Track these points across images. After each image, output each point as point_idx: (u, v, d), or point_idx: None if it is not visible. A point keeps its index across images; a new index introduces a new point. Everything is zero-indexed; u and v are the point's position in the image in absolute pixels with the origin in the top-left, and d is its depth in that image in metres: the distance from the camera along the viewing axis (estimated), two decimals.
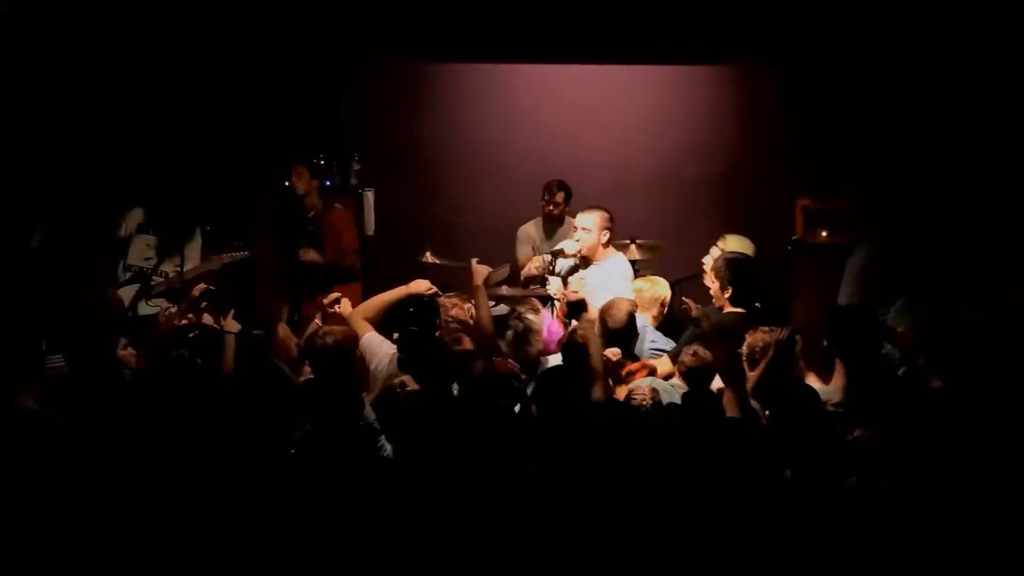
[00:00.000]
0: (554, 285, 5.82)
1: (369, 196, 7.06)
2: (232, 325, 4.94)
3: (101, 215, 6.44)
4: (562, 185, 6.82)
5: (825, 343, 4.81)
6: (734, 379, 4.37)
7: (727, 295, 5.30)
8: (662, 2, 6.97)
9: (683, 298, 5.73)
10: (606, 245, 5.90)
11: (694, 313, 5.23)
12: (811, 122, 7.14)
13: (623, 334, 5.12)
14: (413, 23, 6.93)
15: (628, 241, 6.41)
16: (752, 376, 4.57)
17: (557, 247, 5.99)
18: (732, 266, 5.34)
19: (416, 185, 7.72)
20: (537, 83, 7.79)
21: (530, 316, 5.18)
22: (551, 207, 6.76)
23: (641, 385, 4.65)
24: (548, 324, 5.51)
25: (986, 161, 6.51)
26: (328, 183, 7.29)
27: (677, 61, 7.42)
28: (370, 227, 7.02)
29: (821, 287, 6.51)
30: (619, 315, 5.13)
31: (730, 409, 4.27)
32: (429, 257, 6.48)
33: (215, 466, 4.08)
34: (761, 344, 4.66)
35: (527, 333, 5.09)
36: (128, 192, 6.40)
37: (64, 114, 6.55)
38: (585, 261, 5.90)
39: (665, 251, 6.59)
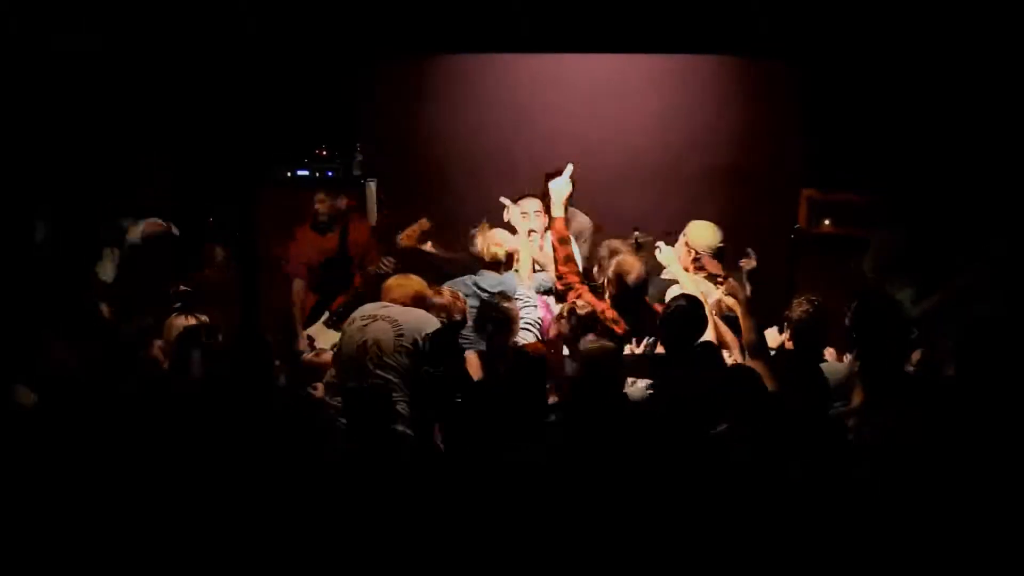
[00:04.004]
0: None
1: (372, 187, 7.06)
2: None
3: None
4: None
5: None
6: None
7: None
8: None
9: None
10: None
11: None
12: (817, 114, 7.12)
13: (638, 291, 5.38)
14: (416, 15, 6.90)
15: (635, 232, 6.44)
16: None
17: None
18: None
19: (419, 176, 7.71)
20: (541, 74, 7.76)
21: (506, 304, 5.32)
22: None
23: None
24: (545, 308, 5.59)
25: (992, 154, 6.50)
26: (331, 174, 7.31)
27: (681, 51, 7.39)
28: (372, 218, 7.02)
29: (824, 278, 6.51)
30: (638, 272, 5.36)
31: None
32: (430, 246, 6.48)
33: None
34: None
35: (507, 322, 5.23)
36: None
37: (70, 107, 6.56)
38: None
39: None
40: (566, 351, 5.35)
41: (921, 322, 5.27)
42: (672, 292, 5.55)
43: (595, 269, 5.82)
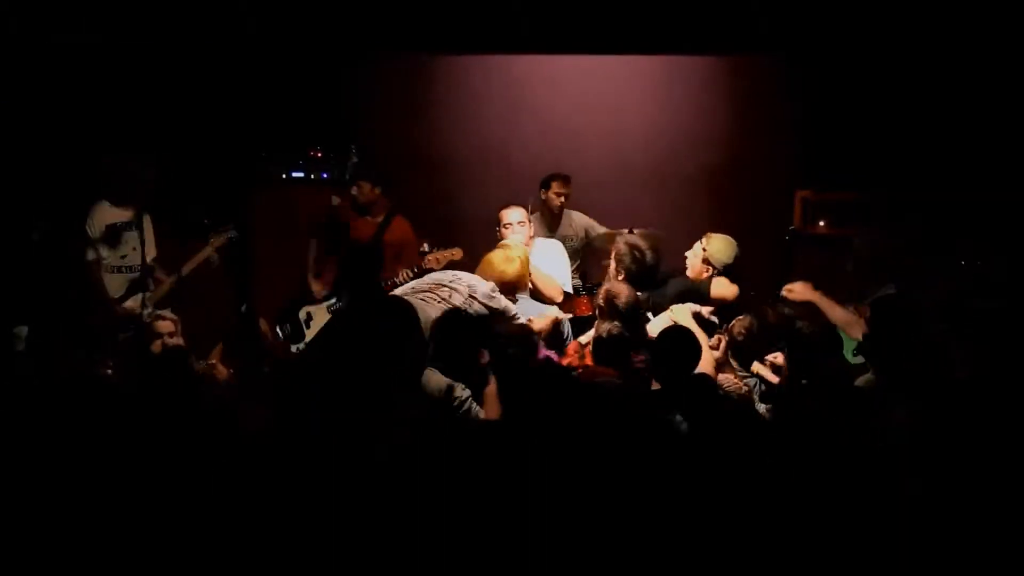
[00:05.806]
0: None
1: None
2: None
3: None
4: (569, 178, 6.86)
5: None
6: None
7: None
8: None
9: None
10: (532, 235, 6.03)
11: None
12: (811, 113, 7.16)
13: (631, 314, 5.13)
14: (412, 15, 6.91)
15: (626, 231, 6.41)
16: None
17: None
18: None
19: (413, 177, 7.70)
20: (536, 75, 7.79)
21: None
22: (562, 199, 6.74)
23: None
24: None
25: (986, 154, 6.53)
26: (325, 176, 7.29)
27: (677, 52, 7.43)
28: None
29: (819, 278, 6.52)
30: (627, 295, 5.14)
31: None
32: (429, 259, 6.45)
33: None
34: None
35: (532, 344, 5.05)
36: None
37: (65, 105, 6.53)
38: None
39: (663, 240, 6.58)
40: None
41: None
42: (659, 323, 5.43)
43: (612, 267, 5.68)
